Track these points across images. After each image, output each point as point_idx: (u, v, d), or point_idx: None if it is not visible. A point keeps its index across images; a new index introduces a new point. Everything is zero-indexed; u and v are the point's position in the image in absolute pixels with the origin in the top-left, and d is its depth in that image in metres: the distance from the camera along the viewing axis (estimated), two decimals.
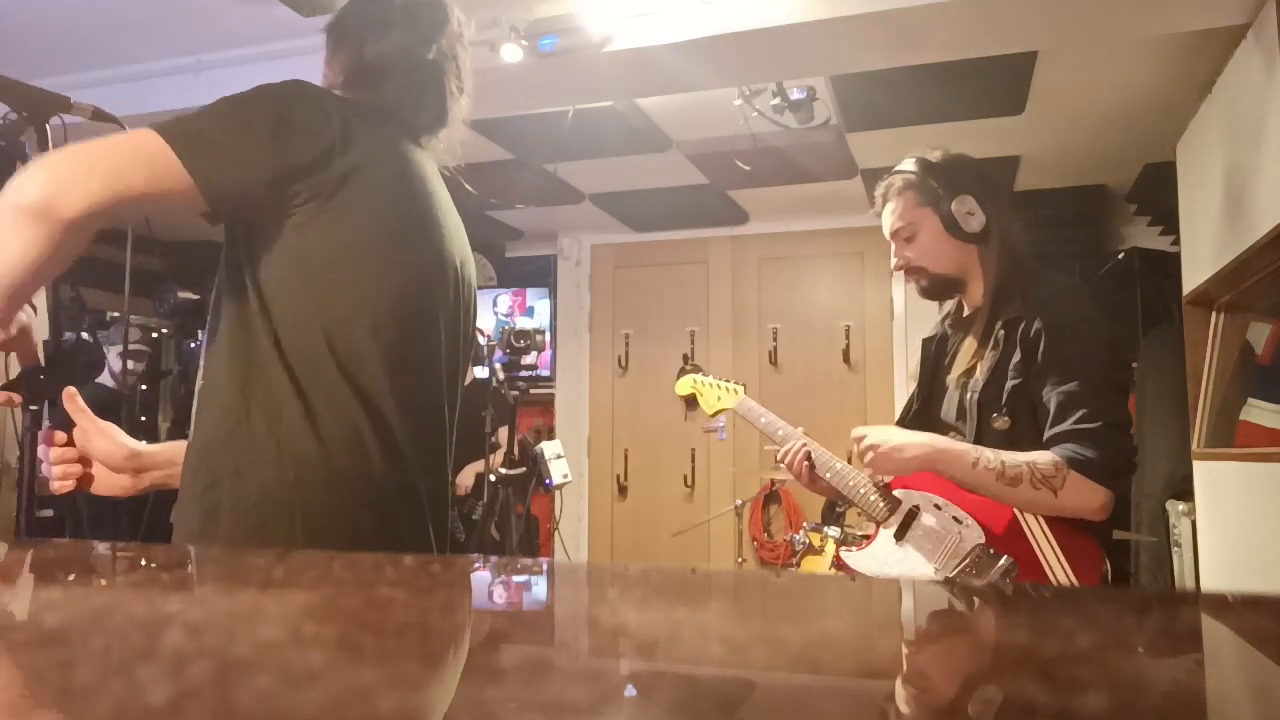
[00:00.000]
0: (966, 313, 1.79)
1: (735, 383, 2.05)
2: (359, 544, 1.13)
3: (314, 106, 1.14)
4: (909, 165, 1.78)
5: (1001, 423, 1.63)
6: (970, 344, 1.72)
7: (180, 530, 1.15)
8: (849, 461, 1.82)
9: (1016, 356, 1.62)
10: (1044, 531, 1.58)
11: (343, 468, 1.14)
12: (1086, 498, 1.52)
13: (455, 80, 1.36)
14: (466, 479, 3.87)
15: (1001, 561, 1.58)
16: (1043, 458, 1.54)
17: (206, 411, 1.16)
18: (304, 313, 1.12)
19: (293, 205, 1.11)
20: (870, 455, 1.67)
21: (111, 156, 1.01)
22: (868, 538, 1.79)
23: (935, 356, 1.84)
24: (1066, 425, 1.55)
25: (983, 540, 1.62)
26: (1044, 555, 1.57)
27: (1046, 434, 1.57)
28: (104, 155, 1.00)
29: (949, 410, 1.74)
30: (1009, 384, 1.62)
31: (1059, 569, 1.56)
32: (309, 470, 1.12)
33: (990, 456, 1.57)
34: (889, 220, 1.79)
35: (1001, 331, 1.66)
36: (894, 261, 1.80)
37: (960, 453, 1.60)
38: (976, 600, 0.61)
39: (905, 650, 0.44)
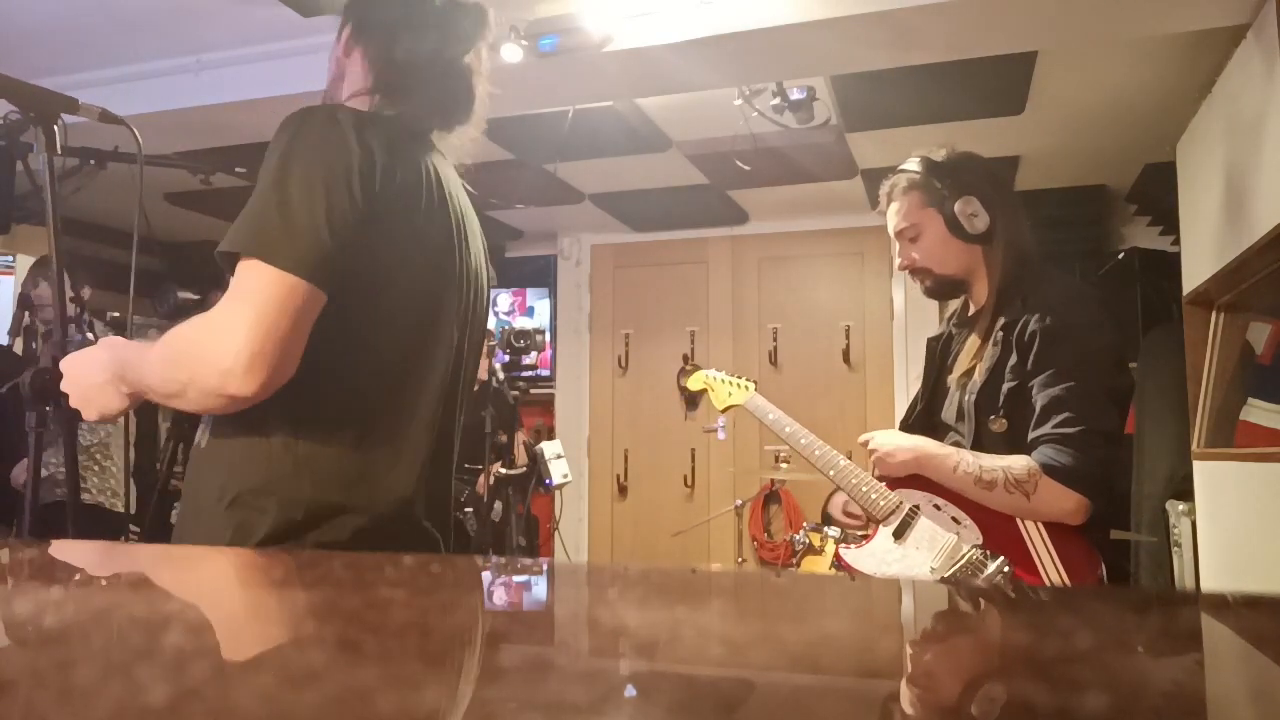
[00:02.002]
0: (972, 312, 1.79)
1: (747, 379, 2.05)
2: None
3: (348, 150, 1.10)
4: (913, 165, 1.78)
5: (999, 425, 1.63)
6: (972, 344, 1.72)
7: (201, 543, 1.13)
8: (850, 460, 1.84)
9: (1014, 358, 1.62)
10: (1040, 534, 1.59)
11: (364, 481, 1.13)
12: (1059, 503, 1.54)
13: (483, 83, 1.34)
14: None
15: (997, 562, 1.59)
16: (1018, 463, 1.56)
17: (224, 423, 1.14)
18: (337, 326, 1.10)
19: None
20: (872, 458, 1.73)
21: (282, 321, 1.03)
22: (867, 536, 1.79)
23: (939, 357, 1.84)
24: (1046, 428, 1.56)
25: (980, 541, 1.62)
26: (1039, 557, 1.58)
27: (1029, 436, 1.58)
28: (277, 324, 1.02)
29: (950, 412, 1.74)
30: (1006, 386, 1.62)
31: (1054, 571, 1.56)
32: (330, 486, 1.11)
33: (969, 461, 1.61)
34: (893, 220, 1.79)
35: (1001, 333, 1.66)
36: (899, 261, 1.81)
37: (943, 457, 1.64)
38: (976, 600, 0.61)
39: (905, 651, 0.44)
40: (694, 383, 2.13)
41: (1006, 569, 1.58)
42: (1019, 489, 1.55)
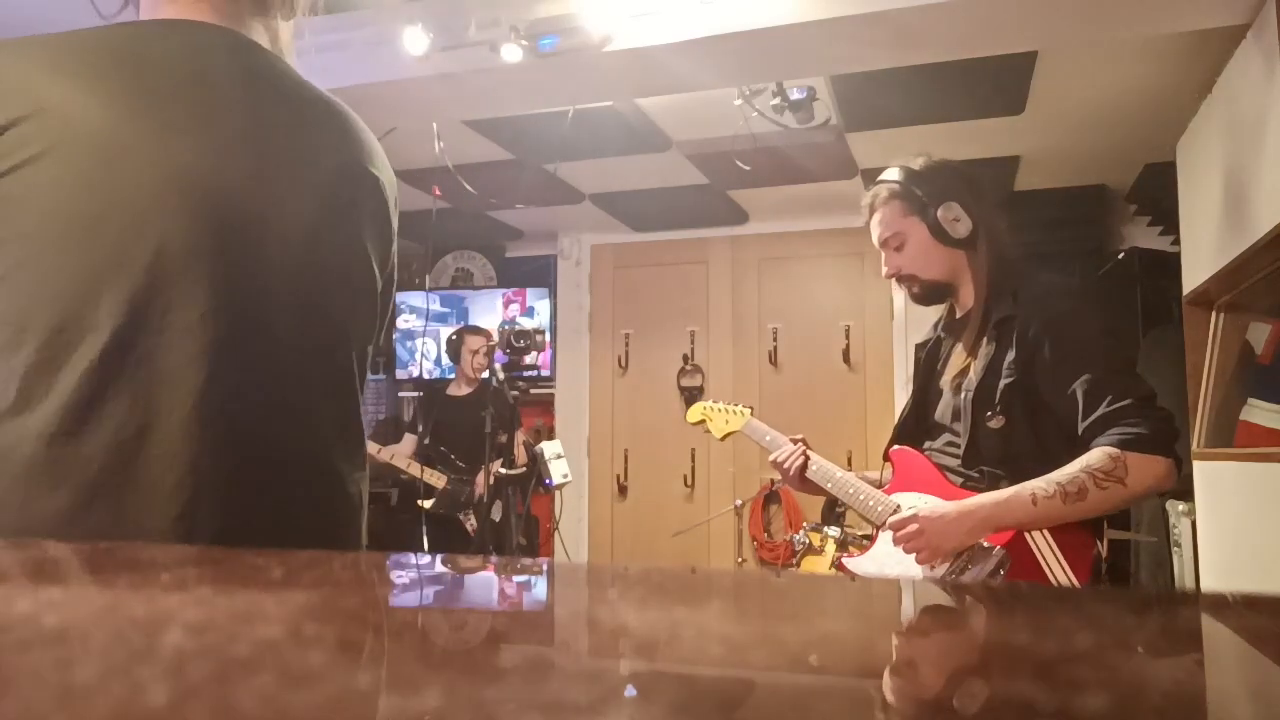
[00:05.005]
0: (958, 315, 1.81)
1: (743, 406, 2.12)
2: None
3: None
4: (893, 175, 1.80)
5: (996, 421, 1.64)
6: (965, 345, 1.74)
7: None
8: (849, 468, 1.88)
9: (1011, 355, 1.63)
10: None
11: None
12: (1153, 471, 1.49)
13: None
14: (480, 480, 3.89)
15: (995, 552, 1.59)
16: (1093, 456, 1.51)
17: None
18: None
19: None
20: (920, 548, 1.62)
21: None
22: (870, 538, 1.82)
23: (928, 361, 1.87)
24: (1101, 410, 1.53)
25: None
26: (1036, 544, 1.58)
27: (1082, 425, 1.55)
28: None
29: (943, 413, 1.76)
30: (1003, 383, 1.63)
31: (1051, 557, 1.56)
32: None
33: (1044, 485, 1.53)
34: (877, 230, 1.82)
35: (995, 331, 1.67)
36: (885, 270, 1.83)
37: (1012, 497, 1.55)
38: (974, 600, 0.61)
39: (904, 650, 0.44)
40: (692, 415, 2.20)
41: (1004, 559, 1.58)
42: (1111, 478, 1.49)
